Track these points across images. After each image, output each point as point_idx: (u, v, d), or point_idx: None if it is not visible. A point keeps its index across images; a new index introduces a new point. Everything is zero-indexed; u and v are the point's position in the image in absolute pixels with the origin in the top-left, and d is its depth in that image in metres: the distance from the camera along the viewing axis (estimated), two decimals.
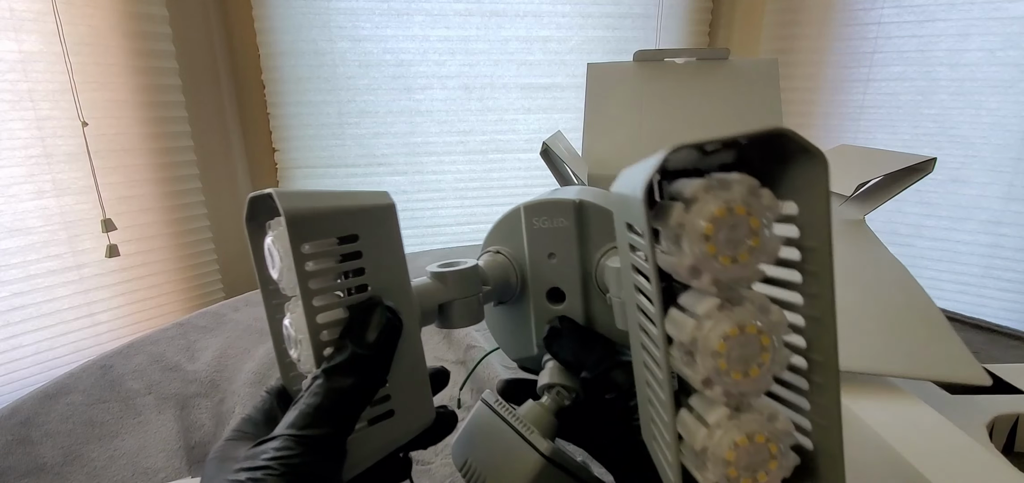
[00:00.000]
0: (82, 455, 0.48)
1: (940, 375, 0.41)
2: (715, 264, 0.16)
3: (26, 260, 0.97)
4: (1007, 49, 1.19)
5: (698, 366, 0.17)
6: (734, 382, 0.16)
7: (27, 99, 0.93)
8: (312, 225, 0.19)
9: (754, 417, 0.17)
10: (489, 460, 0.24)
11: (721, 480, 0.17)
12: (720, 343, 0.16)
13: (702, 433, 0.17)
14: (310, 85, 1.27)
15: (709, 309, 0.16)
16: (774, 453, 0.17)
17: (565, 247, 0.27)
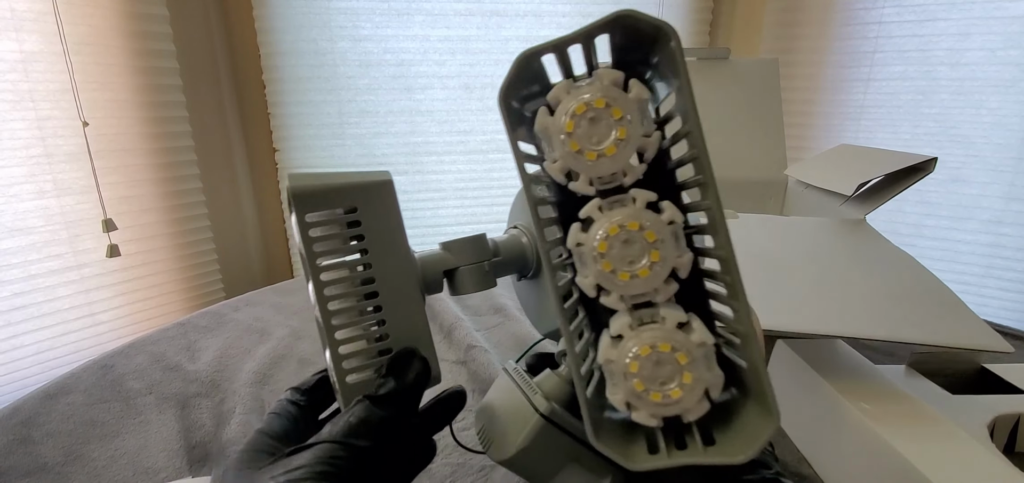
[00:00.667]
0: (83, 455, 0.48)
1: (962, 343, 0.40)
2: (582, 161, 0.16)
3: (27, 260, 0.97)
4: (1008, 48, 1.19)
5: (586, 274, 0.16)
6: (625, 284, 0.16)
7: (28, 99, 0.93)
8: (314, 199, 0.22)
9: (657, 327, 0.16)
10: (497, 421, 0.25)
11: (630, 395, 0.16)
12: (601, 243, 0.16)
13: (605, 345, 0.17)
14: (310, 85, 1.27)
15: (589, 209, 0.16)
16: (684, 364, 0.16)
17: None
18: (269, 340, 0.67)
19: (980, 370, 0.48)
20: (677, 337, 0.16)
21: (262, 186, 1.36)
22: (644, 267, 0.16)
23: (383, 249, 0.23)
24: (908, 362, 0.48)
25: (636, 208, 0.16)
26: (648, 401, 0.16)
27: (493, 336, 0.68)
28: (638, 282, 0.16)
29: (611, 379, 0.17)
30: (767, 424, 0.16)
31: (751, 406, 0.17)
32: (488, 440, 0.25)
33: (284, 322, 0.72)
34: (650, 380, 0.16)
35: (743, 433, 0.17)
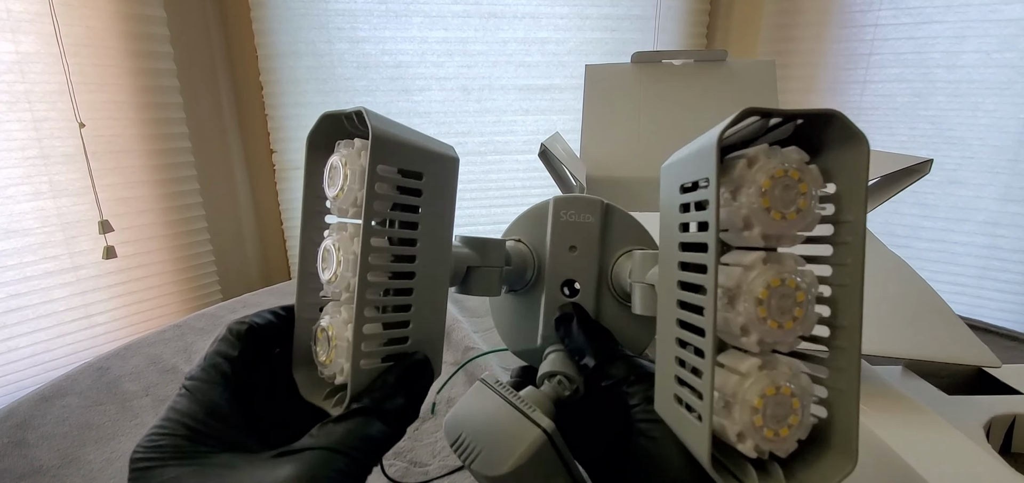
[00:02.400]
0: (78, 458, 0.48)
1: (951, 358, 0.41)
2: (767, 217, 0.18)
3: (23, 261, 0.97)
4: (1003, 51, 1.20)
5: (739, 312, 0.18)
6: (770, 331, 0.18)
7: (24, 100, 0.93)
8: (391, 148, 0.20)
9: (783, 370, 0.18)
10: (486, 433, 0.23)
11: (746, 427, 0.18)
12: (763, 290, 0.17)
13: (734, 380, 0.18)
14: (308, 86, 1.27)
15: (754, 260, 0.18)
16: (796, 408, 0.18)
17: (587, 241, 0.28)
18: None
19: (977, 371, 0.48)
20: (798, 382, 0.18)
21: (259, 188, 1.36)
22: (790, 320, 0.18)
23: (431, 229, 0.22)
24: (905, 363, 0.48)
25: (793, 266, 0.18)
26: (760, 436, 0.18)
27: (491, 337, 0.68)
28: (780, 332, 0.18)
29: (728, 413, 0.18)
30: (843, 465, 0.18)
31: (823, 451, 0.19)
32: (471, 453, 0.23)
33: None
34: (770, 419, 0.18)
35: (814, 473, 0.19)
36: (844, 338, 0.19)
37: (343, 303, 0.22)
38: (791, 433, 0.18)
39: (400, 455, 0.47)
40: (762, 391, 0.18)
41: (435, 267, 0.22)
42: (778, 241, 0.18)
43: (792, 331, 0.18)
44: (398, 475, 0.45)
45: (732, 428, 0.18)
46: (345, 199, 0.21)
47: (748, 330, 0.18)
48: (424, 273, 0.22)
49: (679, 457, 0.21)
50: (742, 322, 0.18)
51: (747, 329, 0.18)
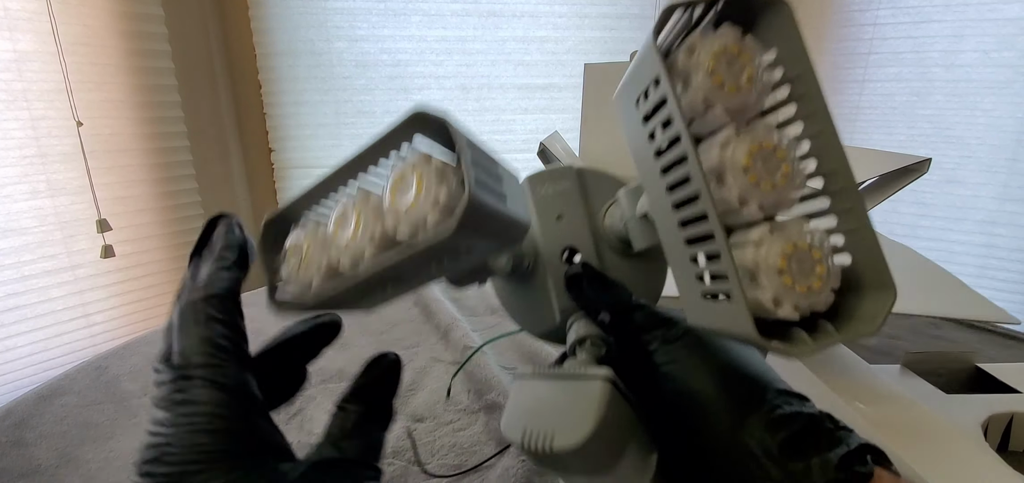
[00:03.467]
0: (77, 457, 0.48)
1: (970, 315, 0.42)
2: (723, 93, 0.18)
3: (21, 261, 0.97)
4: (1002, 50, 1.20)
5: (730, 186, 0.18)
6: (765, 193, 0.18)
7: (22, 99, 0.93)
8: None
9: (792, 226, 0.18)
10: (551, 413, 0.22)
11: (779, 290, 0.18)
12: (746, 158, 0.18)
13: (750, 251, 0.18)
14: (307, 85, 1.27)
15: (728, 135, 0.18)
16: (818, 258, 0.18)
17: (571, 207, 0.29)
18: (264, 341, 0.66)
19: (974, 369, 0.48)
20: (810, 233, 0.18)
21: (258, 186, 1.36)
22: (781, 177, 0.18)
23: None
24: (903, 362, 0.48)
25: (768, 128, 0.19)
26: (794, 294, 0.18)
27: (490, 335, 0.68)
28: (775, 191, 0.18)
29: (756, 285, 0.18)
30: (886, 297, 0.18)
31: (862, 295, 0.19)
32: (545, 438, 0.21)
33: (279, 323, 0.72)
34: (797, 275, 0.18)
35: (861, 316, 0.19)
36: (838, 181, 0.19)
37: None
38: (823, 284, 0.18)
39: (399, 455, 0.47)
40: (781, 251, 0.18)
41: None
42: (741, 113, 0.19)
43: (785, 188, 0.18)
44: (397, 474, 0.45)
45: (766, 297, 0.18)
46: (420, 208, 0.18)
47: (746, 199, 0.18)
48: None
49: (710, 387, 0.21)
50: (737, 193, 0.18)
51: (744, 199, 0.18)
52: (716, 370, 0.21)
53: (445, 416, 0.53)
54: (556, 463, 0.22)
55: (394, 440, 0.49)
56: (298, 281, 0.21)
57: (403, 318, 0.74)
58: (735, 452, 0.19)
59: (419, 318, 0.74)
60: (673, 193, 0.20)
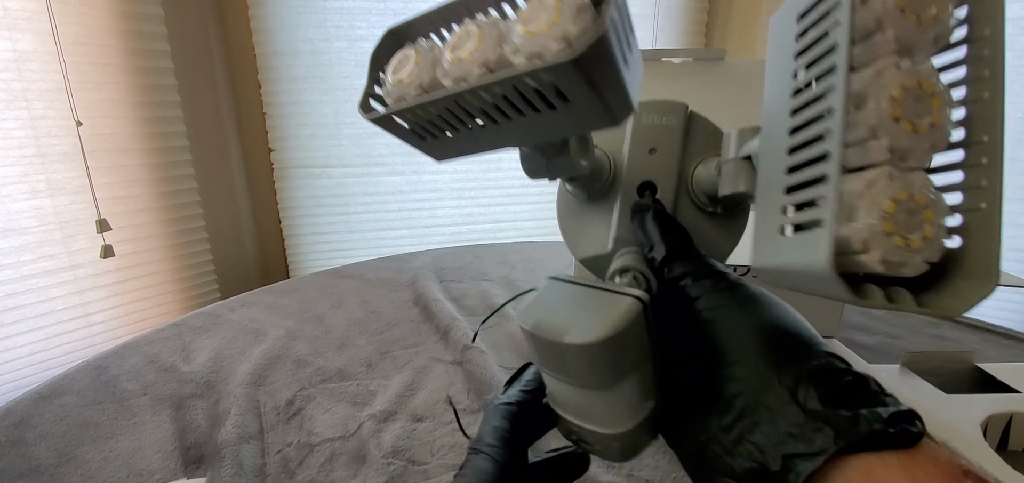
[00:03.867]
0: (76, 456, 0.48)
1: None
2: (900, 18, 0.16)
3: (20, 260, 0.97)
4: None
5: (870, 112, 0.17)
6: (903, 134, 0.16)
7: (21, 99, 0.92)
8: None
9: (917, 178, 0.17)
10: (571, 311, 0.22)
11: (873, 234, 0.16)
12: (899, 89, 0.16)
13: (861, 183, 0.17)
14: (306, 84, 1.27)
15: (887, 64, 0.17)
16: (929, 219, 0.17)
17: (668, 143, 0.27)
18: (264, 341, 0.66)
19: (974, 369, 0.48)
20: (932, 194, 0.17)
21: (258, 186, 1.36)
22: (925, 125, 0.17)
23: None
24: (902, 361, 0.48)
25: (932, 71, 0.17)
26: (889, 244, 0.17)
27: (490, 336, 0.68)
28: (913, 137, 0.17)
29: (851, 217, 0.17)
30: (984, 286, 0.17)
31: (958, 275, 0.18)
32: (557, 330, 0.21)
33: (279, 323, 0.72)
34: (902, 226, 0.17)
35: (956, 296, 0.17)
36: (985, 153, 0.17)
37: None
38: (924, 247, 0.17)
39: (399, 454, 0.47)
40: (894, 194, 0.16)
41: None
42: (910, 49, 0.17)
43: (926, 138, 0.17)
44: (397, 474, 0.45)
45: (857, 236, 0.17)
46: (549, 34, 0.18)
47: (878, 132, 0.17)
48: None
49: (755, 338, 0.20)
50: (872, 123, 0.17)
51: (877, 131, 0.17)
52: (763, 323, 0.20)
53: (445, 415, 0.53)
54: (557, 359, 0.22)
55: (394, 440, 0.49)
56: (394, 94, 0.21)
57: (403, 318, 0.74)
58: (773, 400, 0.18)
59: (419, 318, 0.74)
60: (797, 116, 0.19)
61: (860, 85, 0.17)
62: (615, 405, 0.22)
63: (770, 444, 0.18)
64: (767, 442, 0.18)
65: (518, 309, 0.24)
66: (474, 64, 0.18)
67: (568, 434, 0.25)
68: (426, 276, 0.86)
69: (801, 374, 0.18)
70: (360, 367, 0.61)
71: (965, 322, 0.73)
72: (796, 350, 0.19)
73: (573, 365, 0.21)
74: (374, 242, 1.41)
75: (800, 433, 0.17)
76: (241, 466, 0.45)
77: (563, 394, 0.24)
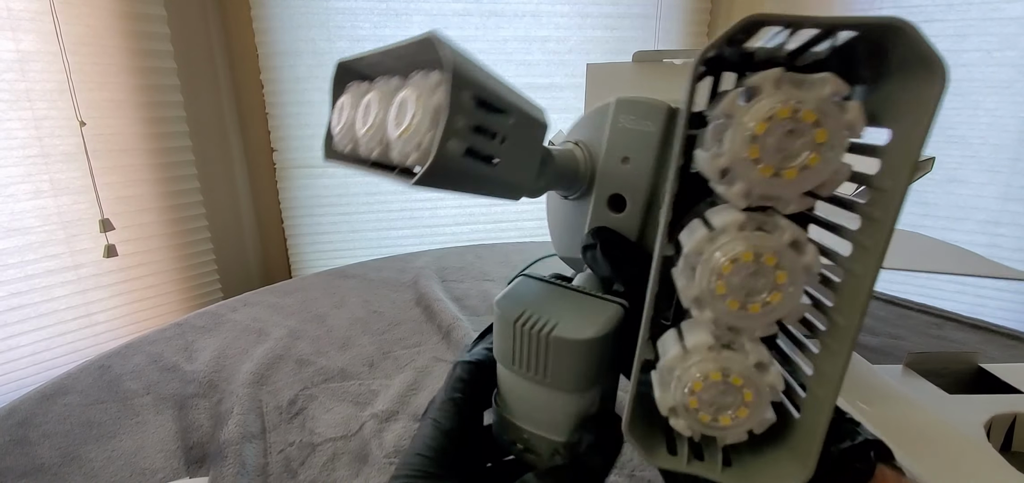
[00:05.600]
0: (80, 456, 0.48)
1: (988, 272, 0.45)
2: (753, 172, 0.13)
3: (24, 260, 0.97)
4: (1005, 50, 1.19)
5: (695, 282, 0.15)
6: (727, 311, 0.15)
7: (24, 99, 0.93)
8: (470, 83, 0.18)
9: (739, 357, 0.15)
10: (559, 309, 0.22)
11: (679, 405, 0.16)
12: (726, 264, 0.14)
13: (676, 353, 0.16)
14: (309, 85, 1.27)
15: (727, 222, 0.14)
16: (747, 401, 0.15)
17: (643, 153, 0.25)
18: (267, 341, 0.67)
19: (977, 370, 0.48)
20: (753, 375, 0.15)
21: (260, 186, 1.36)
22: (758, 302, 0.14)
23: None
24: (905, 362, 0.48)
25: (780, 242, 0.14)
26: (694, 420, 0.16)
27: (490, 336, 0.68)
28: (743, 316, 0.15)
29: (664, 385, 0.16)
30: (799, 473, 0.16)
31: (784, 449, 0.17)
32: (546, 324, 0.21)
33: (282, 322, 0.72)
34: (708, 404, 0.16)
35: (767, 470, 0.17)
36: (837, 339, 0.15)
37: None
38: (734, 425, 0.16)
39: (400, 454, 0.47)
40: (705, 374, 0.15)
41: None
42: (775, 202, 0.14)
43: (757, 318, 0.14)
44: None
45: (665, 402, 0.16)
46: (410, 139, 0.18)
47: (702, 304, 0.15)
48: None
49: None
50: (695, 294, 0.15)
51: (701, 302, 0.15)
52: None
53: None
54: (536, 354, 0.21)
55: (396, 439, 0.49)
56: (338, 138, 0.22)
57: (405, 318, 0.74)
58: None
59: (421, 318, 0.74)
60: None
61: (692, 245, 0.15)
62: (575, 413, 0.22)
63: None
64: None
65: (495, 300, 0.23)
66: (374, 143, 0.19)
67: (511, 443, 0.24)
68: (428, 276, 0.86)
69: None
70: (362, 367, 0.61)
71: (969, 322, 0.73)
72: None
73: (553, 362, 0.21)
74: (376, 242, 1.41)
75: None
76: (243, 465, 0.45)
77: (522, 395, 0.23)
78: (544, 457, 0.23)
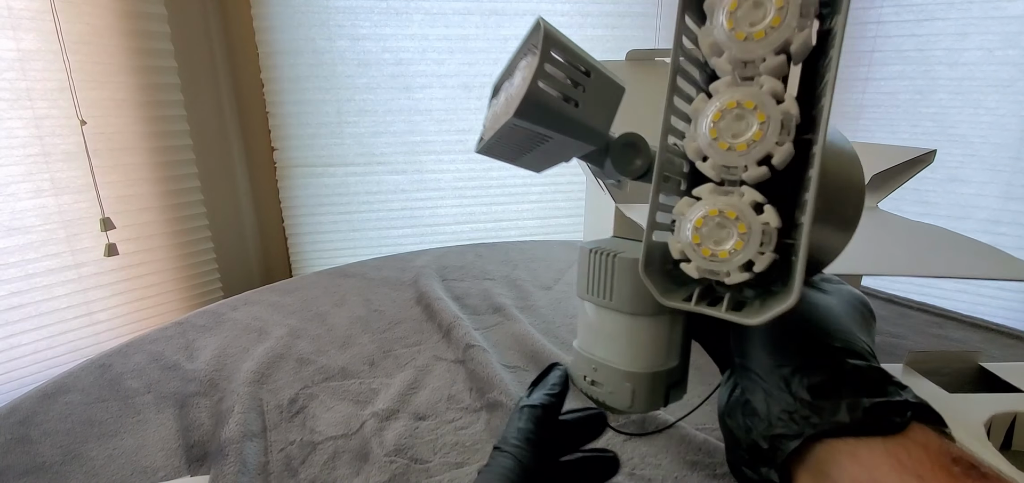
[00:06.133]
0: (81, 454, 0.48)
1: (991, 275, 0.46)
2: (731, 39, 0.18)
3: (25, 259, 0.97)
4: (1006, 48, 1.19)
5: (698, 135, 0.19)
6: (721, 153, 0.18)
7: (25, 98, 0.93)
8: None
9: (734, 198, 0.19)
10: (625, 246, 0.25)
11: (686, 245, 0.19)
12: (716, 112, 0.18)
13: (686, 202, 0.19)
14: (309, 84, 1.27)
15: (719, 85, 0.18)
16: (742, 232, 0.18)
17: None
18: (267, 339, 0.67)
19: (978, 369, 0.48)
20: (746, 210, 0.18)
21: (260, 185, 1.36)
22: (744, 142, 0.18)
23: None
24: (906, 361, 0.48)
25: (760, 92, 0.18)
26: (698, 255, 0.19)
27: (491, 335, 0.68)
28: (733, 155, 0.18)
29: (679, 229, 0.20)
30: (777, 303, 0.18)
31: (781, 296, 0.19)
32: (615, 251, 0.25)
33: (282, 321, 0.72)
34: (708, 237, 0.19)
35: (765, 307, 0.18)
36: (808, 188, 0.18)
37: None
38: (731, 257, 0.18)
39: (401, 452, 0.47)
40: (705, 211, 0.19)
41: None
42: (746, 67, 0.18)
43: (745, 154, 0.18)
44: (399, 472, 0.45)
45: (676, 246, 0.19)
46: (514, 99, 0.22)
47: (704, 153, 0.19)
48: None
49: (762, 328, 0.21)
50: (698, 145, 0.19)
51: (703, 152, 0.19)
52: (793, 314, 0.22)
53: (447, 414, 0.53)
54: (607, 275, 0.25)
55: (396, 438, 0.49)
56: (486, 131, 0.26)
57: (405, 317, 0.74)
58: (773, 387, 0.20)
59: (421, 317, 0.74)
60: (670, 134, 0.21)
61: (690, 108, 0.19)
62: (644, 340, 0.25)
63: (763, 425, 0.20)
64: (761, 424, 0.20)
65: (580, 244, 0.27)
66: (500, 112, 0.24)
67: (587, 383, 0.27)
68: (428, 275, 0.86)
69: (798, 366, 0.20)
70: (362, 365, 0.62)
71: (970, 321, 0.73)
72: (802, 343, 0.21)
73: (617, 283, 0.24)
74: (376, 241, 1.41)
75: (788, 418, 0.19)
76: (244, 464, 0.45)
77: (592, 324, 0.26)
78: (609, 394, 0.26)
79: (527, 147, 0.25)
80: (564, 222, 1.50)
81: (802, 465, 0.19)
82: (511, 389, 0.54)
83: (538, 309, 0.76)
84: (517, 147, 0.25)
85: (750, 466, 0.21)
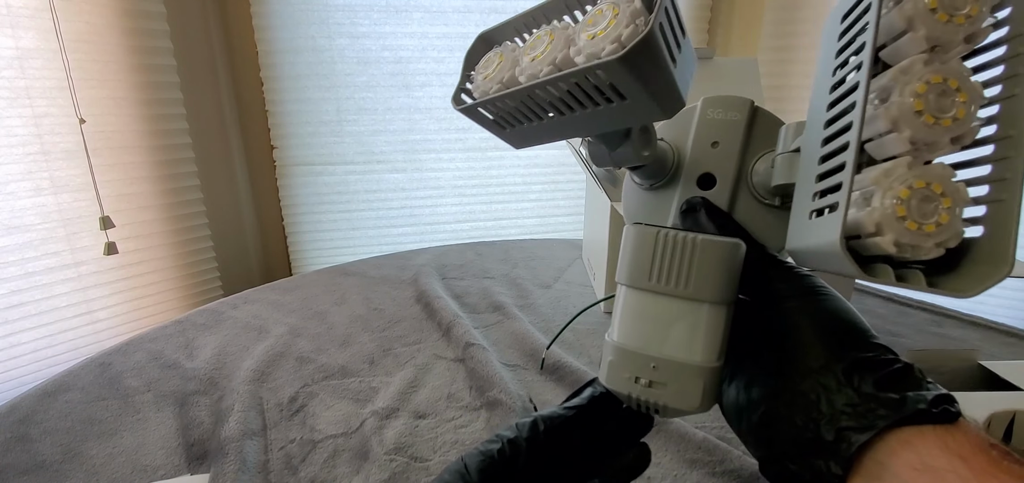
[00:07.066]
0: (81, 453, 0.48)
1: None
2: (932, 19, 0.17)
3: (24, 258, 0.97)
4: None
5: (892, 107, 0.18)
6: (924, 126, 0.17)
7: (24, 96, 0.93)
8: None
9: (936, 168, 0.18)
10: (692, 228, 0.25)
11: (886, 217, 0.18)
12: (922, 84, 0.17)
13: (878, 171, 0.18)
14: (308, 82, 1.27)
15: (915, 60, 0.18)
16: (947, 207, 0.18)
17: (730, 138, 0.28)
18: (267, 338, 0.67)
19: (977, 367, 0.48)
20: (950, 183, 0.18)
21: (260, 183, 1.36)
22: (948, 118, 0.17)
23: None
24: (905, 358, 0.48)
25: (960, 68, 0.18)
26: (901, 228, 0.18)
27: (491, 334, 0.68)
28: (935, 129, 0.17)
29: (873, 198, 0.18)
30: (996, 270, 0.18)
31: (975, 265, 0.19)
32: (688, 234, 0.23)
33: (282, 320, 0.72)
34: (915, 213, 0.18)
35: (967, 277, 0.18)
36: (1009, 148, 0.18)
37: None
38: (937, 232, 0.18)
39: (401, 451, 0.47)
40: (910, 182, 0.17)
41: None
42: (942, 46, 0.18)
43: (948, 130, 0.17)
44: (399, 471, 0.45)
45: (871, 219, 0.18)
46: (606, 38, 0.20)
47: (900, 125, 0.18)
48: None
49: (811, 324, 0.22)
50: (895, 115, 0.18)
51: (899, 123, 0.18)
52: (822, 313, 0.23)
53: (447, 413, 0.53)
54: (685, 259, 0.23)
55: (396, 436, 0.49)
56: (480, 88, 0.24)
57: (405, 315, 0.74)
58: (832, 382, 0.21)
59: (421, 315, 0.74)
60: (831, 111, 0.20)
61: (886, 81, 0.18)
62: (720, 330, 0.23)
63: (825, 419, 0.20)
64: (822, 418, 0.20)
65: (627, 226, 0.25)
66: (544, 63, 0.22)
67: (642, 385, 0.23)
68: (428, 273, 0.86)
69: (856, 361, 0.21)
70: (362, 364, 0.62)
71: (969, 320, 0.73)
72: (851, 339, 0.22)
73: (699, 267, 0.22)
74: (376, 239, 1.41)
75: (853, 411, 0.20)
76: (244, 462, 0.45)
77: (654, 315, 0.24)
78: (670, 388, 0.23)
79: (548, 111, 0.23)
80: (564, 221, 1.50)
81: (860, 456, 0.20)
82: (511, 387, 0.54)
83: (538, 307, 0.76)
84: (533, 109, 0.23)
85: (797, 461, 0.21)
